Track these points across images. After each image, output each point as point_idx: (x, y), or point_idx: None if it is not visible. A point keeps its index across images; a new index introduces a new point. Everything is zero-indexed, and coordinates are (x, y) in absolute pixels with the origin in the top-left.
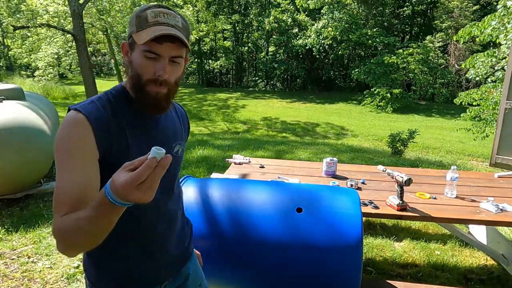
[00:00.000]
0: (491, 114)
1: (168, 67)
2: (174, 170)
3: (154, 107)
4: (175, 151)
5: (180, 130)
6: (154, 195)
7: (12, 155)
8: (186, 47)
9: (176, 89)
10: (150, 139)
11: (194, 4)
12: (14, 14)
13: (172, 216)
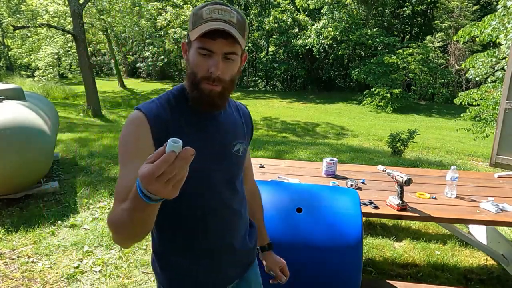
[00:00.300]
0: (491, 114)
1: (221, 64)
2: (235, 169)
3: (208, 104)
4: (235, 149)
5: (242, 129)
6: (217, 192)
7: (12, 155)
8: (241, 44)
9: (231, 87)
10: (207, 137)
11: (194, 4)
12: (14, 14)
13: (237, 216)
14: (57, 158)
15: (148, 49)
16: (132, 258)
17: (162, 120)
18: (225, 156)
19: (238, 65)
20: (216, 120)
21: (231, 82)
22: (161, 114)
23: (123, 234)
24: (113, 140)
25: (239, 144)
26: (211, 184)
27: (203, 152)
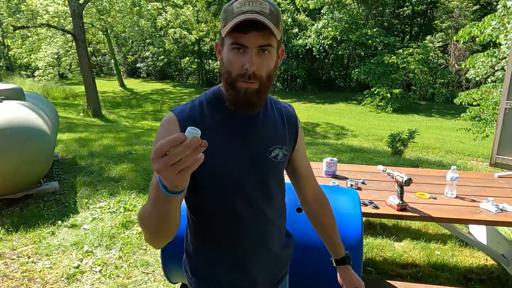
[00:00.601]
0: (491, 114)
1: (255, 59)
2: (271, 176)
3: (244, 104)
4: (272, 155)
5: (283, 133)
6: (248, 199)
7: (12, 155)
8: (276, 36)
9: (269, 84)
10: (239, 141)
11: (194, 4)
12: (14, 14)
13: (270, 225)
14: (57, 158)
15: (148, 49)
16: (132, 258)
17: (193, 121)
18: (259, 162)
19: (274, 60)
20: (252, 122)
21: (268, 78)
22: (192, 115)
23: (146, 227)
24: (113, 140)
25: (278, 150)
26: (241, 190)
27: (234, 155)
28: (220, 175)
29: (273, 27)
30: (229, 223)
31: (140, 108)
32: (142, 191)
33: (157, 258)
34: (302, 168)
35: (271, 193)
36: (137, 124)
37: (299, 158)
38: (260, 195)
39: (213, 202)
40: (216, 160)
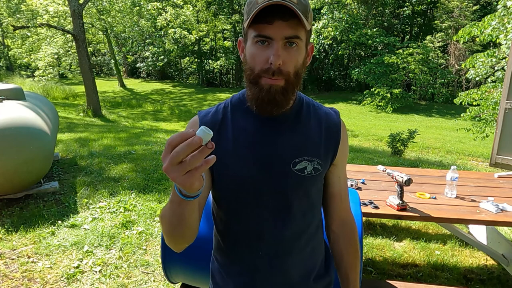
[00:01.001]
0: (491, 114)
1: (282, 52)
2: (294, 191)
3: (267, 103)
4: (298, 168)
5: (318, 143)
6: (264, 211)
7: (12, 155)
8: (305, 27)
9: (297, 82)
10: (259, 147)
11: (194, 4)
12: (14, 14)
13: (288, 247)
14: (57, 158)
15: (148, 49)
16: (132, 258)
17: (214, 123)
18: (279, 174)
19: (303, 54)
20: (278, 128)
21: (296, 75)
22: (215, 119)
23: (163, 226)
24: (113, 140)
25: (307, 163)
26: (255, 201)
27: (251, 163)
28: (234, 182)
29: (302, 16)
30: (241, 234)
31: (140, 108)
32: (142, 191)
33: (157, 258)
34: (335, 187)
35: (291, 210)
36: (137, 124)
37: (334, 174)
38: (277, 210)
39: (227, 210)
40: (232, 167)
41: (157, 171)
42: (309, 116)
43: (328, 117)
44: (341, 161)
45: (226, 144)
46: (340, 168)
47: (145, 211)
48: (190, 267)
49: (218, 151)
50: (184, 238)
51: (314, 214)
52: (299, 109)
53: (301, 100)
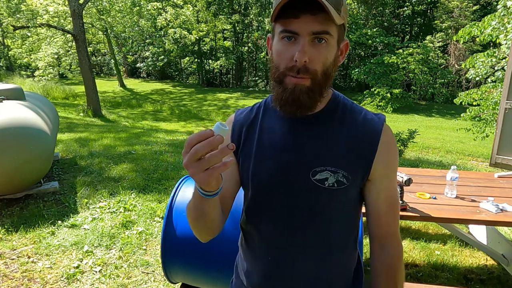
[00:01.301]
0: (491, 114)
1: (308, 48)
2: (310, 202)
3: (290, 103)
4: (316, 178)
5: (345, 152)
6: (280, 222)
7: (12, 155)
8: (335, 21)
9: (326, 81)
10: (281, 149)
11: (194, 4)
12: (14, 14)
13: (302, 260)
14: (57, 158)
15: (148, 49)
16: (132, 258)
17: (242, 122)
18: (296, 180)
19: (333, 51)
20: (302, 131)
21: (324, 74)
22: (246, 118)
23: (187, 218)
24: (113, 140)
25: (329, 174)
26: (268, 204)
27: (271, 165)
28: (253, 183)
29: (331, 10)
30: (255, 235)
31: (140, 108)
32: (142, 191)
33: (157, 258)
34: (371, 205)
35: (304, 221)
36: (137, 124)
37: (371, 192)
38: (289, 218)
39: (246, 207)
40: (253, 168)
41: (157, 171)
42: (342, 120)
43: (366, 124)
44: (380, 177)
45: (251, 144)
46: (379, 185)
47: (145, 211)
48: (190, 267)
49: (243, 151)
50: (207, 231)
51: (337, 231)
52: (332, 112)
53: (337, 102)
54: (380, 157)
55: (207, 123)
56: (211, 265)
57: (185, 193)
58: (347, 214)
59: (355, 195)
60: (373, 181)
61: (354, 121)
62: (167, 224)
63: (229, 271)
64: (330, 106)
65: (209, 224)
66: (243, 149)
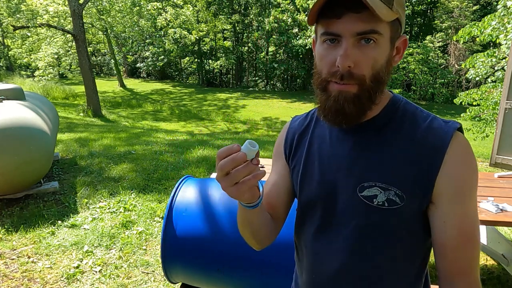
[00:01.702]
0: (491, 114)
1: (352, 51)
2: (349, 220)
3: (334, 114)
4: (364, 194)
5: (401, 167)
6: (327, 240)
7: (12, 155)
8: (385, 17)
9: (376, 87)
10: (325, 158)
11: (194, 4)
12: (14, 14)
13: (338, 281)
14: (57, 158)
15: (148, 49)
16: (132, 258)
17: (296, 129)
18: (342, 194)
19: (385, 52)
20: (352, 140)
21: (374, 79)
22: (300, 124)
23: (238, 226)
24: (113, 140)
25: (379, 190)
26: (311, 217)
27: (316, 174)
28: (300, 194)
29: (379, 5)
30: (299, 248)
31: (140, 108)
32: (142, 191)
33: (157, 258)
34: (436, 234)
35: (350, 241)
36: (137, 124)
37: (436, 217)
38: (333, 236)
39: (296, 218)
40: (301, 177)
41: (157, 171)
42: (400, 129)
43: (430, 133)
44: (447, 200)
45: (301, 152)
46: (446, 210)
47: (145, 211)
48: (190, 267)
49: (294, 159)
50: (255, 239)
51: (388, 258)
52: (387, 119)
53: (395, 107)
54: (447, 175)
55: (207, 123)
56: (211, 265)
57: (185, 193)
58: (401, 241)
59: (413, 218)
60: (437, 205)
61: (414, 130)
62: (167, 224)
63: (229, 271)
64: (386, 112)
65: (255, 233)
66: (294, 157)
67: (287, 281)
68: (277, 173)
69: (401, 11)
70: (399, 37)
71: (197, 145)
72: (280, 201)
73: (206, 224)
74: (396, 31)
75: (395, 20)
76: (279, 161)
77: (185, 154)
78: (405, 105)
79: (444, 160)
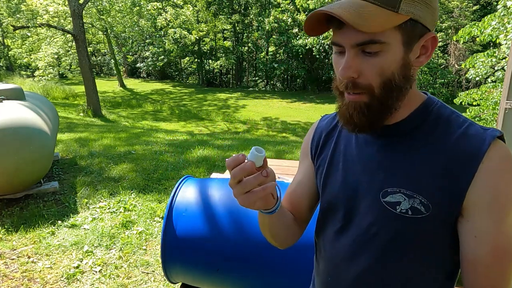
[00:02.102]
0: (491, 114)
1: (354, 61)
2: (371, 227)
3: (346, 123)
4: (387, 200)
5: (428, 175)
6: (347, 246)
7: (12, 155)
8: (389, 23)
9: (388, 95)
10: (350, 160)
11: (194, 4)
12: (14, 14)
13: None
14: (57, 158)
15: (148, 49)
16: (132, 258)
17: (324, 129)
18: (364, 198)
19: (396, 58)
20: (377, 143)
21: (386, 86)
22: (328, 124)
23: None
24: (113, 140)
25: (403, 197)
26: (335, 222)
27: (340, 175)
28: (323, 194)
29: (368, 16)
30: (320, 249)
31: (140, 108)
32: (142, 191)
33: (157, 258)
34: (465, 249)
35: (367, 247)
36: (137, 124)
37: (466, 231)
38: (351, 241)
39: (317, 218)
40: (324, 178)
41: (157, 171)
42: (431, 134)
43: (464, 140)
44: (480, 214)
45: (327, 152)
46: (478, 225)
47: (145, 211)
48: (190, 267)
49: (319, 158)
50: (275, 241)
51: (410, 272)
52: (418, 123)
53: (427, 111)
54: (480, 187)
55: (207, 123)
56: (211, 265)
57: (185, 193)
58: (423, 253)
59: (439, 231)
60: (468, 218)
61: (447, 136)
62: (167, 224)
63: (229, 271)
64: (416, 115)
65: (274, 236)
66: (319, 156)
67: (287, 281)
68: (302, 173)
69: (420, 8)
70: (423, 35)
71: (197, 145)
72: (303, 202)
73: (206, 224)
74: (412, 31)
75: (409, 21)
76: (305, 161)
77: (185, 154)
78: (440, 108)
79: (479, 169)
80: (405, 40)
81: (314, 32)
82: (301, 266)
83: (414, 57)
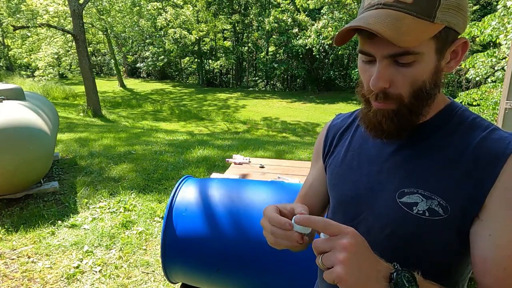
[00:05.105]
0: (491, 114)
1: (386, 71)
2: (386, 228)
3: (373, 129)
4: (403, 200)
5: (447, 176)
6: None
7: (12, 155)
8: (423, 35)
9: (418, 103)
10: (366, 159)
11: (194, 4)
12: (14, 14)
13: None
14: (57, 158)
15: (148, 49)
16: (132, 258)
17: (337, 128)
18: (379, 201)
19: (429, 67)
20: (395, 143)
21: (416, 95)
22: (343, 123)
23: None
24: (113, 140)
25: (420, 198)
26: (347, 219)
27: (356, 175)
28: (334, 193)
29: (406, 29)
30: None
31: (140, 108)
32: (142, 191)
33: (157, 258)
34: (477, 251)
35: (380, 248)
36: (137, 124)
37: (479, 232)
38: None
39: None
40: (336, 177)
41: (157, 171)
42: (452, 135)
43: (487, 142)
44: (498, 217)
45: (341, 150)
46: (494, 222)
47: (145, 211)
48: (190, 267)
49: (332, 155)
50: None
51: (430, 269)
52: (440, 124)
53: (451, 114)
54: (501, 191)
55: (207, 123)
56: (211, 265)
57: (185, 193)
58: (438, 255)
59: (453, 234)
60: (485, 220)
61: (470, 138)
62: (167, 224)
63: (229, 271)
64: (439, 117)
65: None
66: (332, 154)
67: (287, 281)
68: (314, 175)
69: (454, 15)
70: (454, 41)
71: (197, 145)
72: (316, 205)
73: (206, 224)
74: (445, 39)
75: (443, 29)
76: (318, 162)
77: (185, 154)
78: (463, 113)
79: (501, 175)
80: (437, 48)
81: (342, 43)
82: (301, 266)
83: (445, 63)
